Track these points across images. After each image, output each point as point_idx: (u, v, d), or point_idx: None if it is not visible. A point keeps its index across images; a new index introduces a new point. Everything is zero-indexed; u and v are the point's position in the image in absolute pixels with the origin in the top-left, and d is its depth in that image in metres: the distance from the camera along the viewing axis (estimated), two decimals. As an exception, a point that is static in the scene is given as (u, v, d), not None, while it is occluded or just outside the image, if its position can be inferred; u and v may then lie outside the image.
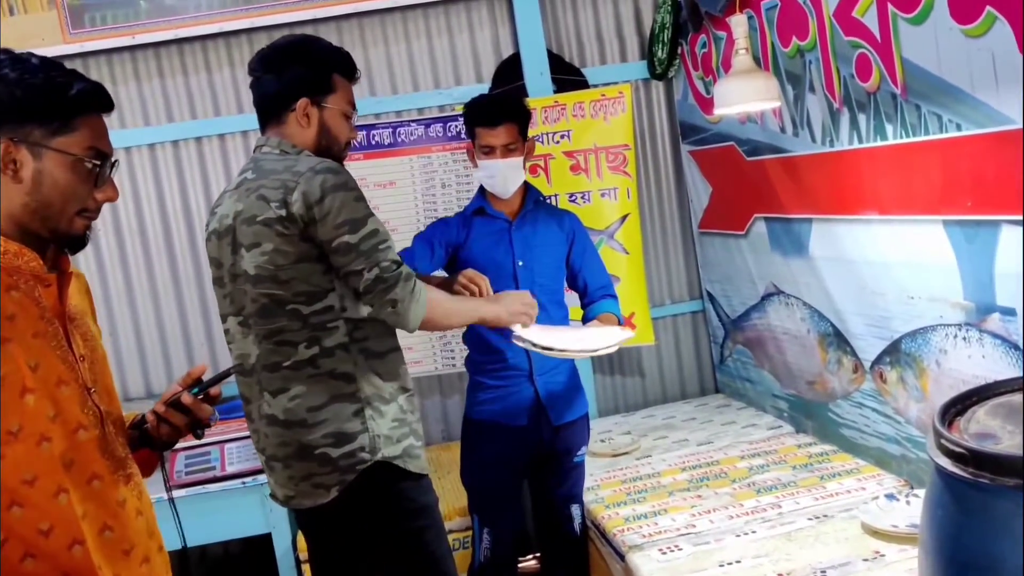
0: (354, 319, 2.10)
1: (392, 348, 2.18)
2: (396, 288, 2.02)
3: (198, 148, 3.70)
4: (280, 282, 2.06)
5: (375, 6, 3.64)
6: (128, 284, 3.71)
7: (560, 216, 2.93)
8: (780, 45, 2.98)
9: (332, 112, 2.17)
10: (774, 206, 3.25)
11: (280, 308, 2.07)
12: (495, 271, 2.74)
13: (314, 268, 2.05)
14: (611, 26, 3.92)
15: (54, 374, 1.45)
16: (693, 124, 3.79)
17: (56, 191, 1.44)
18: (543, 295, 2.78)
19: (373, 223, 2.03)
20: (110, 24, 3.42)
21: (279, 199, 2.03)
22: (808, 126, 2.94)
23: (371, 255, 2.00)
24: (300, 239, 2.03)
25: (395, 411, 2.15)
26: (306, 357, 2.08)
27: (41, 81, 1.42)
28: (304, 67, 2.15)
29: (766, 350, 3.52)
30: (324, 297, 2.07)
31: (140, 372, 3.72)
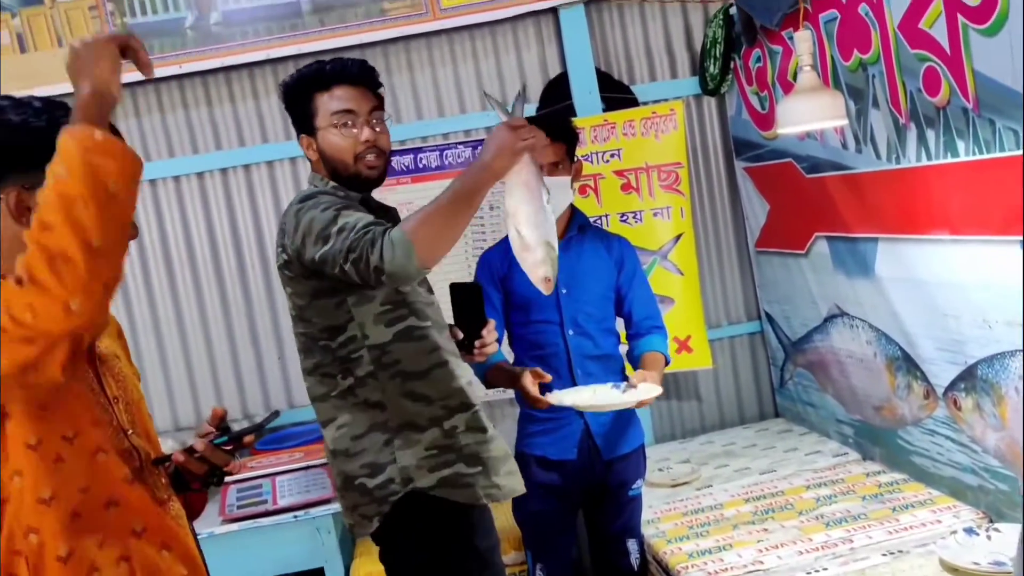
0: (378, 345, 2.06)
1: (436, 364, 2.10)
2: (369, 247, 1.81)
3: (246, 175, 3.68)
4: (306, 321, 2.09)
5: (421, 30, 3.59)
6: (178, 311, 3.69)
7: (609, 240, 2.84)
8: (841, 59, 2.88)
9: (322, 134, 2.10)
10: (837, 224, 3.13)
11: (314, 344, 2.10)
12: (537, 300, 2.66)
13: (328, 303, 2.05)
14: (660, 42, 3.84)
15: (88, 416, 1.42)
16: (748, 140, 3.69)
17: None
18: (590, 324, 2.70)
19: (343, 218, 1.90)
20: (157, 53, 3.41)
21: (280, 243, 2.06)
22: (872, 142, 2.82)
23: (343, 243, 1.86)
24: (305, 277, 2.03)
25: (433, 437, 2.09)
26: (346, 387, 2.09)
27: (45, 124, 1.38)
28: (288, 107, 2.15)
29: (829, 374, 3.39)
30: (345, 329, 2.06)
31: (167, 405, 3.70)
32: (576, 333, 2.71)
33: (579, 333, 2.71)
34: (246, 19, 3.47)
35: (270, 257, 3.66)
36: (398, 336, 2.07)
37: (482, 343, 2.18)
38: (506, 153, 1.81)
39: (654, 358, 2.74)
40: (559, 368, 2.69)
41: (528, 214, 1.89)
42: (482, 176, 1.81)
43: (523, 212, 1.90)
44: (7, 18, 3.38)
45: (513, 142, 1.81)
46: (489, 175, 1.81)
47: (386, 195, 3.74)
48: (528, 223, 1.90)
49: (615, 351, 2.79)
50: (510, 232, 1.93)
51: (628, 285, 2.80)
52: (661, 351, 2.78)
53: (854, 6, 2.76)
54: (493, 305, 2.73)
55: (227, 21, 3.46)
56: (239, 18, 3.46)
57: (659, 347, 2.78)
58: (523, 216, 1.90)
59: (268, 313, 3.71)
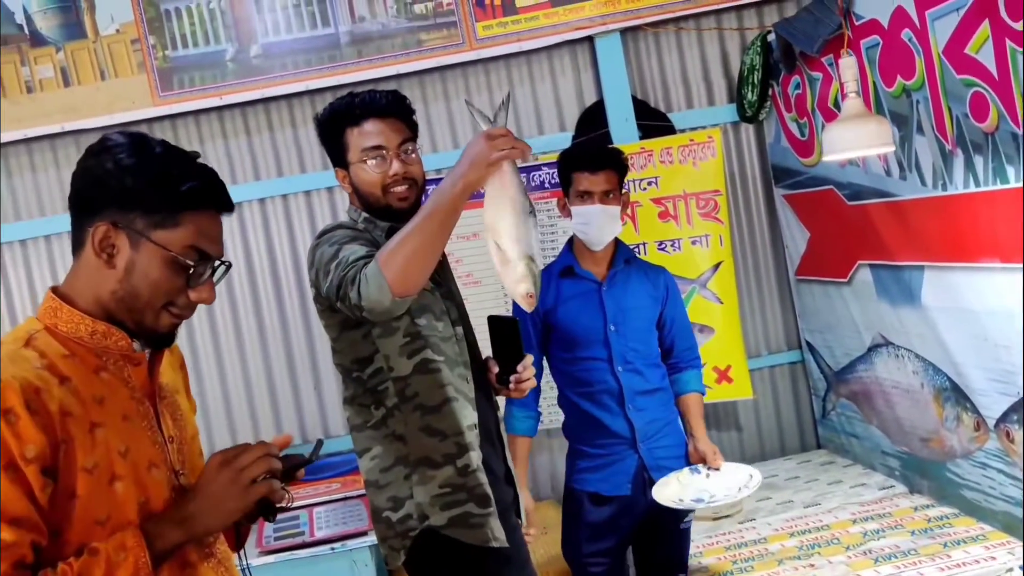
0: (401, 377, 2.05)
1: (446, 399, 2.06)
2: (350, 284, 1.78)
3: (284, 205, 3.69)
4: (339, 352, 2.11)
5: (458, 59, 3.61)
6: (215, 339, 3.70)
7: (653, 274, 2.81)
8: (883, 85, 2.84)
9: (354, 168, 2.09)
10: (880, 252, 3.08)
11: (348, 375, 2.11)
12: (584, 336, 2.65)
13: (355, 335, 2.06)
14: (697, 69, 3.82)
15: (145, 458, 1.40)
16: (787, 167, 3.65)
17: (145, 283, 1.39)
18: (638, 360, 2.67)
19: (343, 252, 1.88)
20: (198, 85, 3.45)
21: (311, 279, 2.05)
22: (917, 169, 2.77)
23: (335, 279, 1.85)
24: (331, 310, 2.04)
25: (447, 475, 2.06)
26: (379, 417, 2.08)
27: (155, 171, 1.37)
28: (323, 141, 2.14)
29: (874, 404, 3.32)
30: (372, 361, 2.06)
31: (227, 430, 3.70)
32: (626, 370, 2.68)
33: (629, 369, 2.68)
34: (285, 51, 3.50)
35: (307, 287, 3.65)
36: (416, 368, 2.05)
37: (518, 378, 2.14)
38: (479, 164, 1.72)
39: (695, 403, 2.76)
40: (610, 405, 2.67)
41: (508, 227, 1.78)
42: (454, 191, 1.72)
43: (503, 225, 1.78)
44: (51, 52, 3.43)
45: (488, 152, 1.72)
46: (462, 188, 1.72)
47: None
48: (508, 236, 1.78)
49: (664, 383, 2.76)
50: (489, 246, 1.82)
51: (671, 318, 2.78)
52: (699, 391, 2.78)
53: (897, 32, 2.73)
54: (530, 340, 2.70)
55: (267, 53, 3.50)
56: (278, 50, 3.50)
57: (697, 386, 2.79)
58: (503, 229, 1.78)
59: (305, 342, 3.70)
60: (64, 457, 1.29)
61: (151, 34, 3.45)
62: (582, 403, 2.73)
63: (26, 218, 3.59)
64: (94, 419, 1.34)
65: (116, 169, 1.37)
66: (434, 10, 3.54)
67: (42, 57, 3.43)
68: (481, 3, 3.55)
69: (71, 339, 1.39)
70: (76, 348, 1.38)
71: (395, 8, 3.52)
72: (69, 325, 1.39)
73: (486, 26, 3.56)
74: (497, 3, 3.55)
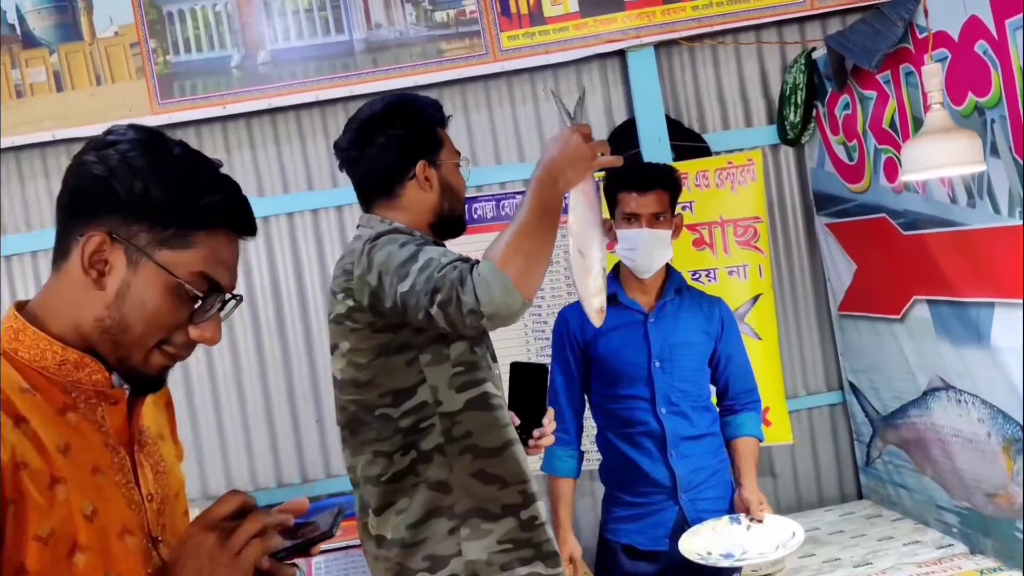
0: (451, 413, 1.78)
1: (507, 441, 1.82)
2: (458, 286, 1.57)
3: (289, 224, 3.43)
4: (361, 385, 1.79)
5: (478, 72, 3.36)
6: (211, 368, 3.42)
7: (708, 305, 2.55)
8: (951, 103, 2.58)
9: (449, 167, 1.91)
10: (941, 287, 2.81)
11: (368, 414, 1.80)
12: (626, 373, 2.40)
13: (397, 362, 1.77)
14: (735, 88, 3.58)
15: (116, 522, 1.11)
16: (831, 194, 3.39)
17: (140, 313, 1.11)
18: (684, 402, 2.41)
19: (424, 255, 1.65)
20: (200, 93, 3.21)
21: (343, 288, 1.78)
22: (990, 195, 2.51)
23: (427, 283, 1.61)
24: (373, 330, 1.75)
25: (508, 529, 1.79)
26: (404, 466, 1.79)
27: (171, 177, 1.11)
28: (409, 129, 1.87)
29: (929, 453, 3.04)
30: (413, 393, 1.77)
31: (221, 467, 3.41)
32: (670, 412, 2.42)
33: (673, 412, 2.43)
34: (295, 59, 3.26)
35: (312, 312, 3.39)
36: (471, 404, 1.80)
37: (542, 432, 1.90)
38: (581, 163, 1.62)
39: (748, 448, 2.48)
40: (651, 449, 2.42)
41: (595, 236, 1.70)
42: (556, 188, 1.60)
43: (590, 233, 1.70)
44: (44, 54, 3.19)
45: (589, 152, 1.62)
46: (563, 186, 1.61)
47: (437, 247, 3.54)
48: (594, 246, 1.70)
49: (712, 429, 2.50)
50: (572, 253, 1.72)
51: (726, 355, 2.53)
52: (755, 435, 2.50)
53: (969, 44, 2.48)
54: (571, 372, 2.46)
55: (275, 60, 3.25)
56: (288, 57, 3.26)
57: (753, 430, 2.52)
58: (590, 237, 1.69)
59: (307, 372, 3.43)
60: (12, 521, 1.01)
61: (152, 37, 3.21)
62: (621, 445, 2.49)
63: (12, 232, 3.33)
64: (55, 472, 1.06)
65: (123, 168, 1.10)
66: (456, 18, 3.30)
67: (34, 59, 3.19)
68: (507, 12, 3.31)
69: (34, 369, 1.11)
70: (39, 381, 1.10)
71: (414, 15, 3.28)
72: (33, 351, 1.11)
73: (511, 36, 3.33)
74: (524, 12, 3.32)
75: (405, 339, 1.77)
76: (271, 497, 3.28)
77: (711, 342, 2.53)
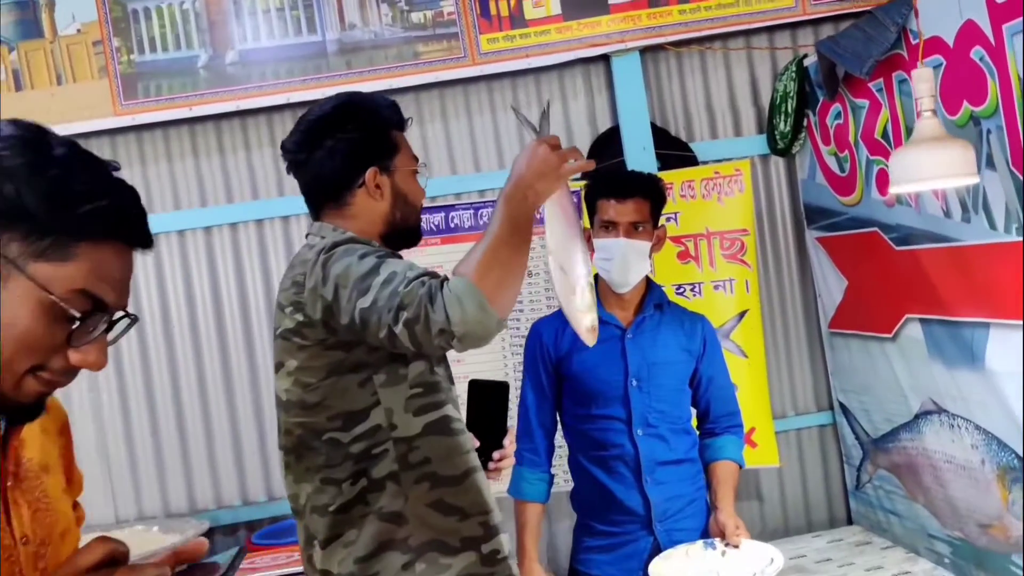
0: (407, 438, 1.65)
1: (470, 469, 1.70)
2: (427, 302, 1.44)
3: (259, 232, 3.30)
4: (309, 407, 1.65)
5: (458, 75, 3.24)
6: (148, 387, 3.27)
7: (690, 323, 2.42)
8: (945, 112, 2.45)
9: (403, 174, 1.78)
10: (934, 305, 2.67)
11: (316, 438, 1.67)
12: (601, 391, 2.27)
13: (349, 382, 1.63)
14: (723, 96, 3.45)
15: None
16: (822, 207, 3.26)
17: (8, 333, 0.97)
18: (662, 423, 2.28)
19: (387, 268, 1.53)
20: (166, 94, 3.08)
21: (292, 301, 1.64)
22: (985, 209, 2.38)
23: (392, 299, 1.48)
24: (324, 348, 1.62)
25: (468, 563, 1.67)
26: (353, 495, 1.65)
27: (50, 180, 0.97)
28: (360, 132, 1.75)
29: (920, 480, 2.90)
30: (367, 416, 1.64)
31: (132, 492, 3.27)
32: (647, 434, 2.29)
33: (650, 434, 2.30)
34: (265, 59, 3.13)
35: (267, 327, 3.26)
36: (430, 429, 1.67)
37: (502, 455, 1.78)
38: (550, 174, 1.53)
39: (727, 471, 2.34)
40: (624, 475, 2.28)
41: (576, 250, 1.61)
42: (527, 203, 1.52)
43: (571, 247, 1.61)
44: (3, 52, 3.07)
45: (558, 162, 1.54)
46: (533, 200, 1.53)
47: (414, 258, 3.39)
48: (577, 260, 1.61)
49: (691, 454, 2.37)
50: (553, 271, 1.62)
51: (708, 376, 2.40)
52: (735, 459, 2.36)
53: (965, 50, 2.35)
54: (543, 389, 2.33)
55: (244, 61, 3.13)
56: (257, 58, 3.13)
57: (733, 454, 2.38)
58: (571, 252, 1.61)
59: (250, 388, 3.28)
60: None
61: (115, 36, 3.08)
62: (593, 469, 2.36)
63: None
64: None
65: None
66: (433, 19, 3.18)
67: (-8, 57, 3.07)
68: (487, 13, 3.19)
69: None
70: None
71: (390, 16, 3.16)
72: None
73: (491, 39, 3.20)
74: (504, 14, 3.19)
75: (359, 358, 1.64)
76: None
77: (692, 361, 2.40)
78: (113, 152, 3.23)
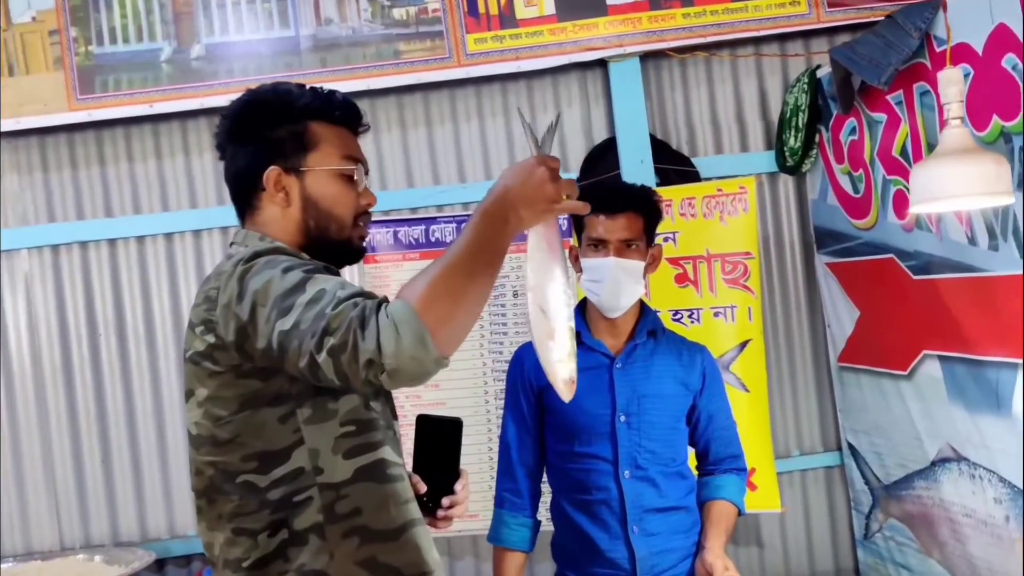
0: (334, 484, 1.40)
1: (409, 522, 1.45)
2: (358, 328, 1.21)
3: (223, 239, 3.07)
4: (221, 444, 1.41)
5: (443, 77, 3.01)
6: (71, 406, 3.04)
7: (688, 353, 2.17)
8: (972, 126, 2.20)
9: (316, 176, 1.49)
10: (955, 342, 2.42)
11: (229, 481, 1.42)
12: (586, 426, 2.03)
13: (268, 416, 1.39)
14: (729, 108, 3.21)
15: None
16: (833, 230, 3.01)
17: None
18: (653, 465, 2.03)
19: (315, 285, 1.29)
20: (125, 89, 2.87)
21: (203, 320, 1.39)
22: (1015, 236, 2.13)
23: (316, 322, 1.25)
24: (237, 375, 1.37)
25: None
26: (271, 549, 1.40)
27: None
28: (267, 125, 1.49)
29: (936, 533, 2.63)
30: (287, 458, 1.39)
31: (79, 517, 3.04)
32: (634, 477, 2.05)
33: (639, 477, 2.06)
34: (233, 54, 2.91)
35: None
36: (361, 474, 1.42)
37: (453, 501, 1.54)
38: (541, 204, 1.30)
39: (722, 512, 2.08)
40: (608, 522, 2.04)
41: (559, 291, 1.40)
42: (507, 226, 1.29)
43: (553, 288, 1.40)
44: (-47, 39, 2.86)
45: (554, 192, 1.30)
46: (514, 226, 1.30)
47: (390, 272, 3.16)
48: (558, 302, 1.40)
49: (686, 501, 2.11)
50: (531, 311, 1.40)
51: (708, 414, 2.16)
52: (734, 501, 2.11)
53: (995, 58, 2.11)
54: (525, 423, 2.15)
55: (211, 56, 2.91)
56: (225, 53, 2.91)
57: (732, 495, 2.13)
58: (553, 292, 1.39)
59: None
60: None
61: (73, 25, 2.87)
62: (574, 515, 2.12)
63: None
64: None
65: None
66: (417, 16, 2.95)
67: (-59, 45, 2.86)
68: (474, 11, 2.96)
69: None
70: None
71: (369, 11, 2.93)
72: None
73: (479, 39, 2.97)
74: (494, 13, 2.96)
75: (279, 388, 1.39)
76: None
77: (689, 396, 2.15)
78: (71, 151, 3.02)
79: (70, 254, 3.03)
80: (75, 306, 3.03)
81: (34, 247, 3.01)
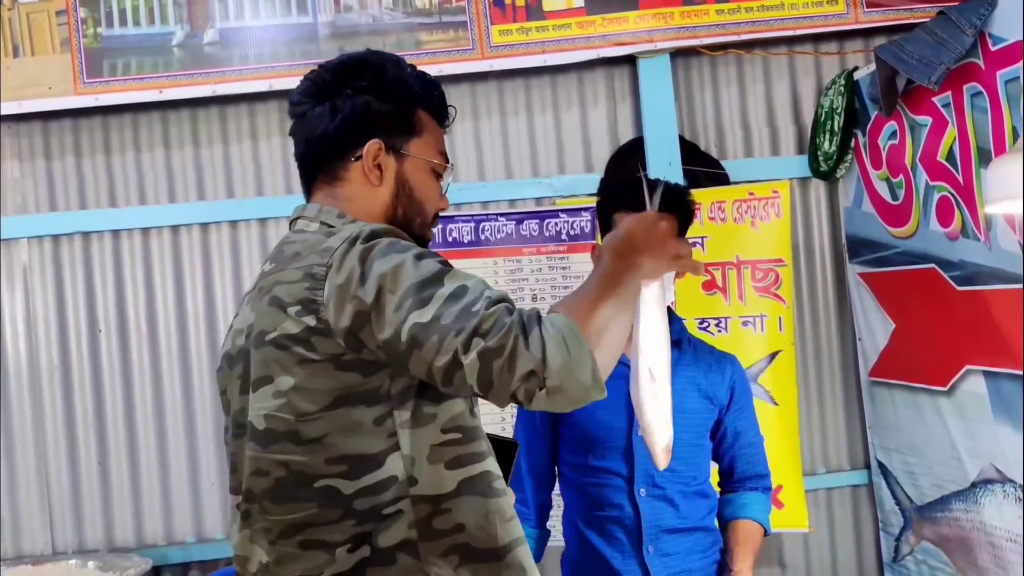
0: (431, 497, 1.25)
1: (514, 540, 1.31)
2: (520, 335, 1.13)
3: (232, 234, 2.95)
4: (304, 442, 1.25)
5: (465, 69, 2.89)
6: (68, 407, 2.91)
7: (717, 364, 2.05)
8: (1030, 130, 2.09)
9: (417, 165, 1.38)
10: (1002, 356, 2.31)
11: (305, 487, 1.26)
12: (601, 439, 1.92)
13: (363, 416, 1.24)
14: (760, 110, 3.10)
15: None
16: (868, 238, 2.89)
17: None
18: (672, 484, 1.92)
19: (454, 280, 1.19)
20: (134, 74, 2.75)
21: (301, 299, 1.24)
22: (1076, 246, 2.01)
23: (463, 319, 1.15)
24: (336, 366, 1.22)
25: None
26: (351, 565, 1.25)
27: None
28: (376, 95, 1.35)
29: (974, 557, 2.51)
30: (380, 463, 1.24)
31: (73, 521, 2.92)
32: (651, 495, 1.93)
33: (655, 496, 1.93)
34: (248, 40, 2.80)
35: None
36: (466, 487, 1.28)
37: None
38: (662, 258, 1.33)
39: (748, 531, 1.97)
40: (622, 542, 1.92)
41: (665, 352, 1.42)
42: (636, 272, 1.29)
43: (661, 352, 1.41)
44: (-44, 18, 2.74)
45: (674, 248, 1.33)
46: (639, 274, 1.30)
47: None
48: (664, 364, 1.42)
49: (706, 521, 1.99)
50: (641, 374, 1.41)
51: (735, 431, 2.03)
52: (760, 520, 1.98)
53: (1059, 57, 1.99)
54: (536, 432, 2.05)
55: (224, 41, 2.80)
56: (239, 38, 2.80)
57: (758, 514, 2.00)
58: (661, 355, 1.41)
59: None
60: None
61: (82, 6, 2.76)
62: (586, 532, 2.00)
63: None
64: None
65: None
66: (440, 5, 2.84)
67: (-56, 24, 2.74)
68: (500, 2, 2.85)
69: None
70: None
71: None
72: None
73: (504, 31, 2.86)
74: (520, 4, 2.86)
75: (377, 386, 1.23)
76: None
77: (714, 411, 2.03)
78: (76, 137, 2.90)
79: (71, 245, 2.91)
80: (75, 300, 2.91)
81: (34, 236, 2.89)
